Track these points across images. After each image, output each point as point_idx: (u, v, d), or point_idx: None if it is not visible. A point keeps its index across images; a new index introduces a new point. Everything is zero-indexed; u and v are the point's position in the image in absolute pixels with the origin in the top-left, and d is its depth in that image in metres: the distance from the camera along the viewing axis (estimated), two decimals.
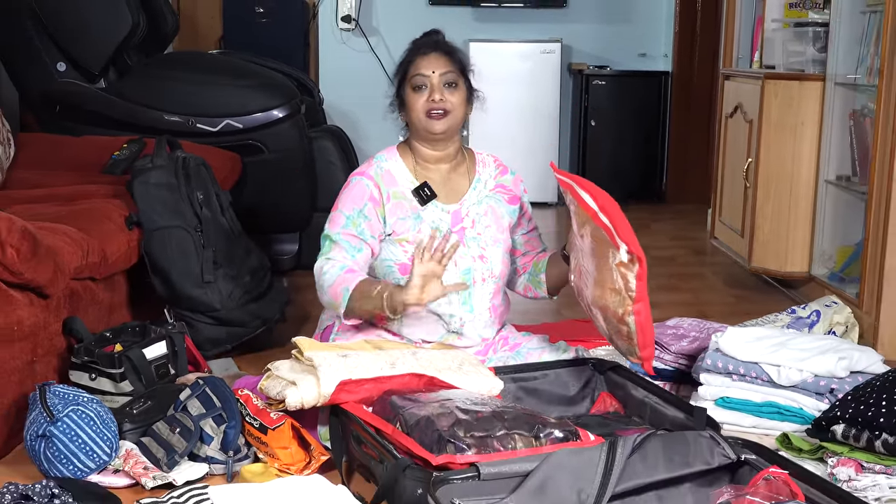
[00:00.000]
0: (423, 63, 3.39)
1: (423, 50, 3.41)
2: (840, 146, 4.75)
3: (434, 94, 3.35)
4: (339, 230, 3.36)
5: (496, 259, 3.45)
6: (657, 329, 3.75)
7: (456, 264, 3.38)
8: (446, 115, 3.37)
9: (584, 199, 3.05)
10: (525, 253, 3.59)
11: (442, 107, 3.36)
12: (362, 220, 3.35)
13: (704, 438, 2.57)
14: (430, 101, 3.35)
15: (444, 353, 3.10)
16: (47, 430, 2.80)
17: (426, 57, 3.40)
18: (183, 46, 7.72)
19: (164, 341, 3.47)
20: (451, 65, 3.41)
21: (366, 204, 3.36)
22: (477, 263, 3.41)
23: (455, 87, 3.40)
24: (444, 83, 3.38)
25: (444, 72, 3.38)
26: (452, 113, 3.38)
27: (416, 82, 3.37)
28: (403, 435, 2.59)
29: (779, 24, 5.35)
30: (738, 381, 3.28)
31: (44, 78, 5.28)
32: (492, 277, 3.44)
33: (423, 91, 3.37)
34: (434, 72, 3.37)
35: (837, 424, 2.92)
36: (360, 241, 3.35)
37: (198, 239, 3.95)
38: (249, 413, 2.96)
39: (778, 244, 4.97)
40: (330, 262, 3.32)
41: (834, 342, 3.34)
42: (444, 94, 3.36)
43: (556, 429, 2.61)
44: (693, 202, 7.85)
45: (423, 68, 3.38)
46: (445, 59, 3.40)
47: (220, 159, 4.75)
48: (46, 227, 3.40)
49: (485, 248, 3.43)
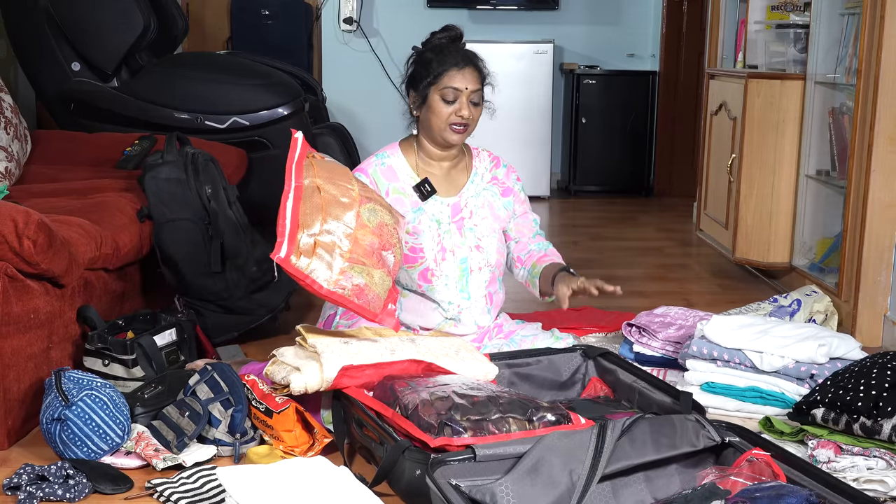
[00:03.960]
0: (459, 77, 3.36)
1: (460, 63, 3.37)
2: (820, 142, 4.74)
3: (463, 109, 3.35)
4: None
5: (491, 249, 3.47)
6: (645, 317, 3.75)
7: (454, 253, 3.39)
8: (466, 129, 3.39)
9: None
10: (517, 240, 3.59)
11: (466, 122, 3.36)
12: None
13: (690, 422, 2.56)
14: (458, 116, 3.35)
15: (442, 341, 3.10)
16: (62, 414, 2.79)
17: (461, 71, 3.36)
18: (192, 47, 7.71)
19: (174, 329, 3.46)
20: (479, 82, 3.40)
21: None
22: (473, 253, 3.43)
23: (478, 105, 3.40)
24: (472, 101, 3.37)
25: (475, 89, 3.37)
26: (470, 127, 3.41)
27: (448, 95, 3.35)
28: (403, 418, 2.59)
29: (761, 25, 5.34)
30: (722, 367, 3.28)
31: (59, 77, 5.27)
32: (487, 266, 3.45)
33: (452, 104, 3.35)
34: (467, 88, 3.35)
35: (817, 408, 2.92)
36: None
37: (206, 231, 3.94)
38: (255, 397, 2.95)
39: (760, 236, 4.96)
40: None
41: (814, 330, 3.34)
42: (470, 111, 3.36)
43: (548, 412, 2.61)
44: (679, 196, 7.86)
45: (457, 81, 3.35)
46: (477, 76, 3.40)
47: (228, 155, 4.74)
48: (61, 219, 3.40)
49: (481, 238, 3.45)
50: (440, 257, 3.39)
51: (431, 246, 3.39)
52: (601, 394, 3.18)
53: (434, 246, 3.40)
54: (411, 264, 3.39)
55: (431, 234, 3.41)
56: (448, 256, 3.40)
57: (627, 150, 8.16)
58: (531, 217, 3.63)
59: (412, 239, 3.37)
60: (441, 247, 3.41)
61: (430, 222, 3.39)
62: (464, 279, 3.42)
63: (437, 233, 3.42)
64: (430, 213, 3.42)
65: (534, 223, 3.62)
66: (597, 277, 3.22)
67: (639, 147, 8.18)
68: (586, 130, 8.07)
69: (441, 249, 3.41)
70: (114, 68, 5.26)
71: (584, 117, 8.04)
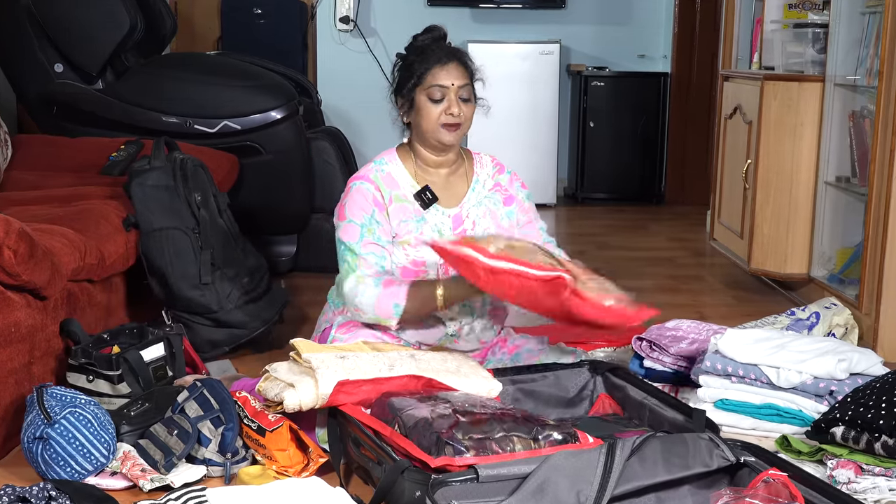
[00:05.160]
0: (443, 73, 3.35)
1: (442, 59, 3.37)
2: (839, 147, 4.75)
3: (452, 107, 3.34)
4: (358, 241, 3.32)
5: None
6: (656, 331, 3.75)
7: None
8: (458, 127, 3.37)
9: (473, 256, 2.94)
10: None
11: (457, 120, 3.36)
12: (376, 226, 3.34)
13: (703, 440, 2.57)
14: (448, 115, 3.34)
15: (443, 356, 3.11)
16: (45, 433, 2.79)
17: (445, 67, 3.36)
18: (181, 47, 7.73)
19: (161, 343, 3.46)
20: (467, 77, 3.40)
21: (373, 210, 3.35)
22: None
23: (468, 101, 3.40)
24: (461, 97, 3.37)
25: (462, 84, 3.37)
26: (463, 125, 3.39)
27: (435, 94, 3.34)
28: (402, 437, 2.59)
29: (778, 25, 5.35)
30: (737, 383, 3.28)
31: (41, 79, 5.28)
32: None
33: (441, 103, 3.35)
34: (453, 84, 3.35)
35: (837, 426, 2.92)
36: (381, 249, 3.33)
37: (195, 240, 3.95)
38: (247, 415, 2.96)
39: (777, 246, 4.97)
40: (363, 281, 3.27)
41: (833, 344, 3.34)
42: (460, 107, 3.36)
43: (554, 431, 2.62)
44: (692, 204, 7.86)
45: (442, 79, 3.35)
46: (463, 71, 3.39)
47: (218, 161, 4.75)
48: (44, 228, 3.41)
49: None
50: (442, 271, 3.38)
51: (434, 258, 3.38)
52: (610, 411, 3.19)
53: (437, 258, 3.38)
54: (412, 278, 3.38)
55: None
56: (451, 270, 3.38)
57: (637, 156, 8.17)
58: (537, 226, 3.59)
59: (413, 251, 3.36)
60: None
61: (432, 233, 3.38)
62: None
63: None
64: (431, 224, 3.41)
65: (541, 231, 3.58)
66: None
67: (649, 152, 8.19)
68: (594, 135, 8.08)
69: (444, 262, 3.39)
70: (98, 69, 5.27)
71: (592, 121, 8.06)
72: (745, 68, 5.80)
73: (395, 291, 3.23)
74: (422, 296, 3.22)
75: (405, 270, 3.35)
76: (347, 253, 3.33)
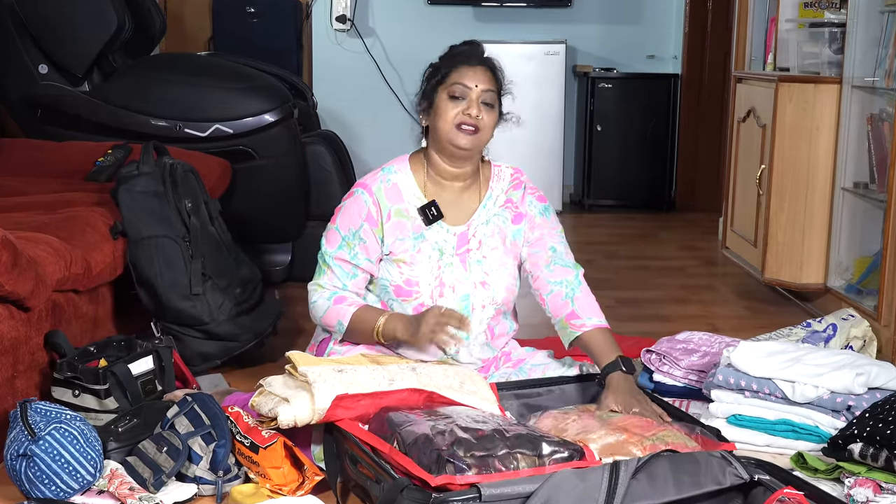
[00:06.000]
0: (469, 74, 3.33)
1: (470, 60, 3.36)
2: (857, 152, 4.75)
3: (471, 108, 3.30)
4: (333, 252, 3.38)
5: (499, 285, 3.41)
6: (666, 343, 3.76)
7: (454, 290, 3.36)
8: (476, 132, 3.33)
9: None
10: (532, 273, 3.47)
11: (475, 123, 3.31)
12: (357, 242, 3.35)
13: (715, 458, 2.57)
14: (466, 115, 3.30)
15: (445, 370, 3.10)
16: (29, 449, 2.79)
17: (472, 68, 3.34)
18: (170, 48, 7.74)
19: (150, 356, 3.47)
20: (493, 83, 3.37)
21: (362, 225, 3.34)
22: (477, 290, 3.38)
23: (492, 108, 3.36)
24: (483, 101, 3.34)
25: (486, 88, 3.34)
26: (482, 132, 3.35)
27: (456, 91, 3.32)
28: (401, 454, 2.60)
29: (793, 24, 5.36)
30: (750, 398, 3.29)
31: (24, 81, 5.29)
32: (492, 304, 3.41)
33: (461, 102, 3.32)
34: (477, 86, 3.32)
35: (855, 443, 2.92)
36: (353, 267, 3.36)
37: (186, 249, 3.96)
38: (240, 431, 2.96)
39: (792, 254, 4.97)
40: (319, 290, 3.38)
41: (851, 357, 3.34)
42: (480, 111, 3.32)
43: (560, 447, 2.62)
44: (703, 211, 7.87)
45: (466, 78, 3.32)
46: (490, 76, 3.37)
47: (210, 166, 4.75)
48: (27, 236, 3.41)
49: (488, 273, 3.39)
50: (437, 293, 3.35)
51: (429, 280, 3.35)
52: None
53: (431, 280, 3.35)
54: (405, 298, 3.36)
55: (430, 267, 3.36)
56: (447, 293, 3.34)
57: (647, 161, 8.18)
58: (549, 244, 3.49)
59: (408, 269, 3.35)
60: (440, 281, 3.36)
61: (432, 251, 3.36)
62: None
63: (436, 265, 3.37)
64: (431, 241, 3.38)
65: (551, 250, 3.48)
66: (655, 406, 3.15)
67: (659, 157, 8.19)
68: (602, 139, 8.09)
69: (440, 284, 3.36)
70: (84, 71, 5.28)
71: (600, 125, 8.06)
72: (759, 69, 5.81)
73: (343, 311, 3.32)
74: (363, 324, 3.31)
75: (398, 289, 3.34)
76: (321, 257, 3.43)
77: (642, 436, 2.76)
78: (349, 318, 3.29)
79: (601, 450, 2.71)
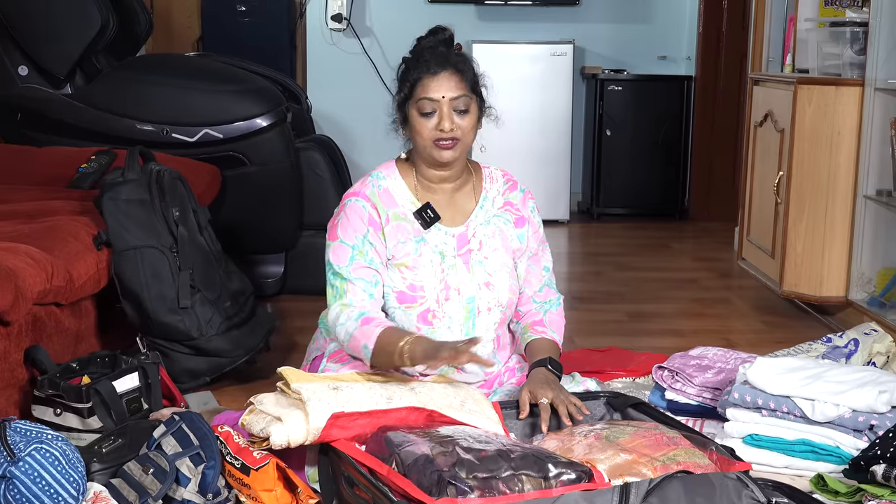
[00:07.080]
0: (433, 85, 3.29)
1: (433, 68, 3.31)
2: (880, 158, 4.76)
3: (443, 122, 3.28)
4: (348, 266, 3.31)
5: (503, 286, 3.44)
6: (679, 360, 3.76)
7: (459, 292, 3.37)
8: (455, 143, 3.32)
9: None
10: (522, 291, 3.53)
11: (451, 136, 3.30)
12: (369, 247, 3.32)
13: (731, 480, 2.58)
14: (439, 131, 3.29)
15: (445, 388, 3.11)
16: (8, 471, 2.80)
17: (435, 77, 3.30)
18: (157, 48, 7.76)
19: (136, 373, 3.47)
20: (462, 86, 3.32)
21: (368, 230, 3.33)
22: (482, 291, 3.40)
23: (466, 113, 3.33)
24: (455, 108, 3.31)
25: (454, 96, 3.30)
26: (462, 140, 3.33)
27: (424, 108, 3.29)
28: (400, 476, 2.60)
29: (813, 23, 5.37)
30: (768, 417, 3.29)
31: (4, 83, 5.30)
32: (498, 307, 3.42)
33: (431, 117, 3.29)
34: (444, 96, 3.28)
35: (877, 464, 2.92)
36: (374, 273, 3.32)
37: (173, 260, 3.97)
38: (230, 452, 2.96)
39: (812, 266, 4.98)
40: (346, 310, 3.26)
41: (874, 374, 3.35)
42: (453, 121, 3.29)
43: (567, 469, 2.62)
44: (718, 220, 7.88)
45: (431, 91, 3.29)
46: (457, 80, 3.32)
47: (198, 172, 4.76)
48: (6, 246, 3.42)
49: (491, 273, 3.42)
50: (443, 296, 3.37)
51: (433, 283, 3.37)
52: None
53: (436, 283, 3.37)
54: (409, 304, 3.37)
55: (434, 270, 3.37)
56: (452, 295, 3.36)
57: (658, 167, 8.19)
58: (543, 263, 3.56)
59: (411, 274, 3.36)
60: (444, 284, 3.38)
61: (433, 255, 3.37)
62: (470, 321, 3.39)
63: (439, 268, 3.38)
64: (432, 244, 3.39)
65: (544, 271, 3.55)
66: (572, 397, 3.18)
67: (671, 163, 8.20)
68: (611, 144, 8.10)
69: (445, 287, 3.38)
70: (67, 72, 5.29)
71: (609, 129, 8.07)
72: (777, 71, 5.82)
73: (369, 332, 3.18)
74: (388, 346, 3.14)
75: (402, 295, 3.35)
76: (335, 277, 3.32)
77: (652, 456, 2.77)
78: (374, 341, 3.16)
79: (610, 470, 2.71)
